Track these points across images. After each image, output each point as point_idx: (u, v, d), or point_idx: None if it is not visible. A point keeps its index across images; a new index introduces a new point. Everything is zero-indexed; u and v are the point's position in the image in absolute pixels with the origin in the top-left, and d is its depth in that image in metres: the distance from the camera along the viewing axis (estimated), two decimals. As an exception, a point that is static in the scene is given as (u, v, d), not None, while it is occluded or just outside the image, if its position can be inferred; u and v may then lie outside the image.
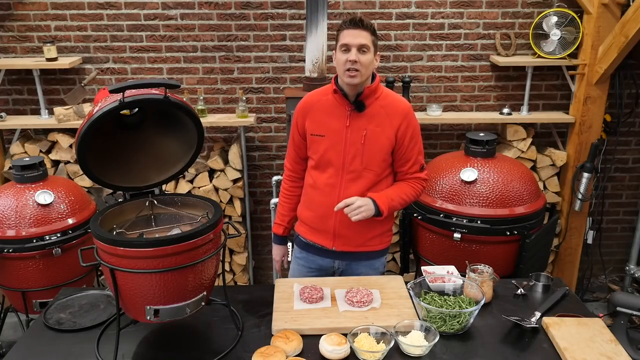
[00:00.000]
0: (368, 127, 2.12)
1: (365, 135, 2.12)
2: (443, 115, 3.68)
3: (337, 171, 2.17)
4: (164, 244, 1.60)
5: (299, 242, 2.41)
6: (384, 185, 2.21)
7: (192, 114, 1.88)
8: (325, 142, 2.16)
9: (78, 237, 2.88)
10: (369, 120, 2.12)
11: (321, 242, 2.30)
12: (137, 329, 1.86)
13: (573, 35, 3.47)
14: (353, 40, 2.01)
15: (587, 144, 3.61)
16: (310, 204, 2.29)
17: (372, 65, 2.08)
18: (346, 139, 2.14)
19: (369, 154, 2.14)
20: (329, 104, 2.17)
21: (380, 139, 2.13)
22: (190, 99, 3.71)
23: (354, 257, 2.29)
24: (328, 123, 2.16)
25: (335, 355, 1.71)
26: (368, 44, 2.02)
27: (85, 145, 1.76)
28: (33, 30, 3.59)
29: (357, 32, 2.01)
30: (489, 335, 1.85)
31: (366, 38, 2.02)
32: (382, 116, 2.13)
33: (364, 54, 2.02)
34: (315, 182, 2.24)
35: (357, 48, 2.01)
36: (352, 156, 2.14)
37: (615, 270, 4.22)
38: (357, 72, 2.03)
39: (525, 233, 2.79)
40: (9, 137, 3.75)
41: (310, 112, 2.20)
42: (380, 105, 2.14)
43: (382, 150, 2.14)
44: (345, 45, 2.03)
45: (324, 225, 2.25)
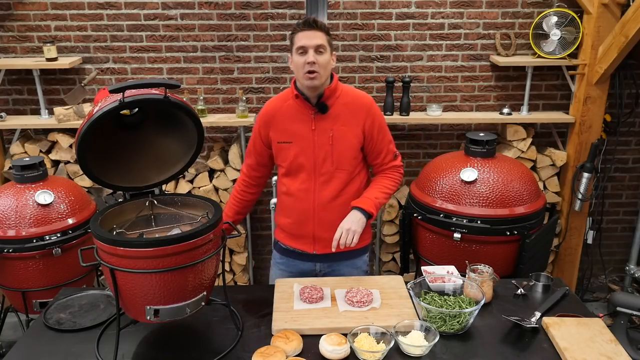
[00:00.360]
0: (334, 128, 2.13)
1: (332, 136, 2.13)
2: (443, 115, 3.68)
3: (309, 175, 2.18)
4: (164, 244, 1.60)
5: (279, 248, 2.41)
6: (357, 183, 2.23)
7: (192, 114, 1.88)
8: (293, 148, 2.16)
9: (78, 237, 2.88)
10: (334, 121, 2.13)
11: (301, 247, 2.30)
12: (137, 329, 1.86)
13: (573, 35, 3.47)
14: (309, 42, 2.01)
15: (587, 144, 3.61)
16: (286, 211, 2.29)
17: (330, 66, 2.08)
18: (314, 143, 2.14)
19: (338, 154, 2.14)
20: (291, 110, 2.16)
21: (347, 138, 2.14)
22: (190, 99, 3.71)
23: (335, 258, 2.28)
24: (293, 129, 2.15)
25: (335, 355, 1.71)
26: (324, 44, 2.02)
27: (85, 145, 1.76)
28: (33, 30, 3.59)
29: (312, 33, 2.01)
30: (489, 335, 1.85)
31: (322, 38, 2.02)
32: (346, 115, 2.13)
33: (321, 55, 2.02)
34: (289, 189, 2.23)
35: (314, 49, 2.01)
36: (322, 159, 2.15)
37: (615, 270, 4.22)
38: (316, 74, 2.03)
39: (525, 233, 2.79)
40: (9, 137, 3.75)
41: (273, 120, 2.18)
42: (342, 103, 2.14)
43: (351, 148, 2.15)
44: (301, 48, 2.02)
45: (302, 230, 2.25)
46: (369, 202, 2.15)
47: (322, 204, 2.19)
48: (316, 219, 2.21)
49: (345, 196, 2.20)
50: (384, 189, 2.22)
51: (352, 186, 2.21)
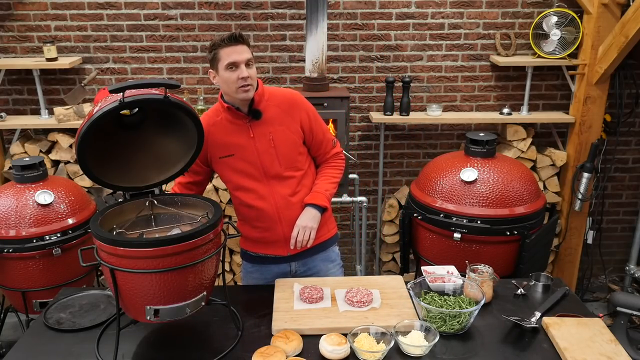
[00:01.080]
0: (272, 130, 2.12)
1: (272, 139, 2.12)
2: (443, 115, 3.68)
3: (261, 182, 2.16)
4: (164, 244, 1.60)
5: (249, 257, 2.37)
6: (310, 177, 2.25)
7: (192, 114, 1.88)
8: (236, 161, 2.15)
9: (78, 237, 2.88)
10: (270, 124, 2.13)
11: (274, 252, 2.28)
12: (137, 329, 1.86)
13: (573, 35, 3.48)
14: (239, 57, 1.99)
15: (587, 144, 3.61)
16: (251, 222, 2.25)
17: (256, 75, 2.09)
18: (256, 149, 2.13)
19: (283, 155, 2.14)
20: (225, 123, 2.14)
21: (288, 136, 2.14)
22: (190, 99, 3.71)
23: (308, 254, 2.29)
24: (232, 141, 2.14)
25: (335, 355, 1.71)
26: (251, 57, 2.02)
27: (85, 145, 1.76)
28: (33, 30, 3.59)
29: (241, 48, 1.99)
30: (489, 335, 1.85)
31: (248, 52, 2.01)
32: (280, 115, 2.14)
33: (251, 68, 2.02)
34: (246, 201, 2.20)
35: (244, 63, 2.00)
36: (269, 163, 2.14)
37: (615, 270, 4.22)
38: (249, 87, 2.03)
39: (525, 233, 2.79)
40: (9, 137, 3.75)
41: (209, 136, 2.13)
42: (273, 105, 2.14)
43: (294, 145, 2.16)
44: (232, 64, 1.99)
45: (273, 236, 2.23)
46: (320, 197, 2.18)
47: (284, 205, 2.18)
48: (283, 220, 2.19)
49: (302, 191, 2.21)
50: (331, 179, 2.25)
51: (305, 181, 2.22)
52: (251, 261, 2.37)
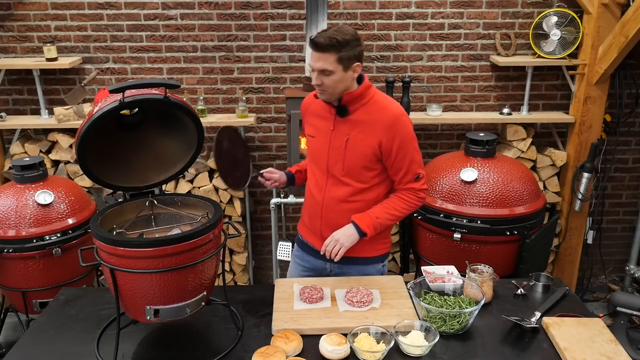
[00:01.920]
0: (351, 133, 2.07)
1: (347, 141, 2.08)
2: (443, 115, 3.68)
3: (323, 173, 2.17)
4: (164, 244, 1.60)
5: (298, 240, 2.42)
6: (373, 194, 2.14)
7: (192, 114, 1.88)
8: (315, 143, 2.19)
9: (78, 237, 2.88)
10: (352, 126, 2.08)
11: (313, 243, 2.28)
12: (137, 329, 1.86)
13: (573, 35, 3.47)
14: (314, 64, 1.96)
15: (587, 144, 3.61)
16: (305, 203, 2.32)
17: (343, 83, 1.98)
18: (330, 143, 2.12)
19: (350, 161, 2.09)
20: (320, 106, 2.16)
21: (361, 147, 2.06)
22: (190, 99, 3.71)
23: (346, 261, 2.19)
24: (318, 125, 2.17)
25: (335, 355, 1.71)
26: (329, 67, 1.92)
27: (85, 145, 1.76)
28: (33, 30, 3.59)
29: (317, 56, 1.94)
30: (489, 335, 1.85)
31: (327, 61, 1.92)
32: (366, 123, 2.05)
33: (327, 76, 1.95)
34: (309, 181, 2.27)
35: (317, 71, 1.96)
36: (334, 160, 2.12)
37: (615, 270, 4.22)
38: (323, 91, 2.01)
39: (525, 233, 2.79)
40: (9, 137, 3.75)
41: (306, 112, 2.24)
42: (366, 111, 2.06)
43: (363, 157, 2.07)
44: (310, 66, 1.99)
45: (314, 225, 2.25)
46: (367, 221, 2.08)
47: (331, 204, 2.16)
48: (324, 217, 2.19)
49: (357, 203, 2.13)
50: (391, 210, 2.11)
51: (364, 195, 2.14)
52: (299, 245, 2.41)
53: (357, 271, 2.26)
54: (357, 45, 1.97)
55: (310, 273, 2.35)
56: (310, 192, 2.24)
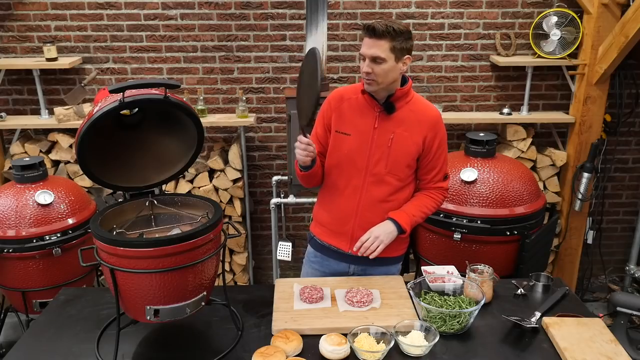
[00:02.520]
0: (396, 131, 2.06)
1: (392, 139, 2.06)
2: (443, 115, 3.64)
3: (360, 173, 2.11)
4: (164, 244, 1.60)
5: (315, 244, 2.34)
6: (406, 192, 2.16)
7: (192, 114, 1.88)
8: (350, 142, 2.10)
9: (78, 237, 2.88)
10: (397, 124, 2.07)
11: (338, 245, 2.23)
12: (137, 329, 1.86)
13: (573, 35, 3.47)
14: (367, 51, 1.94)
15: (587, 144, 3.61)
16: (329, 205, 2.22)
17: (393, 73, 1.97)
18: (372, 141, 2.08)
19: (394, 158, 2.08)
20: (358, 103, 2.11)
21: (407, 144, 2.07)
22: (190, 99, 3.71)
23: (369, 262, 2.19)
24: (356, 122, 2.10)
25: (335, 355, 1.71)
26: (382, 55, 1.91)
27: (85, 145, 1.76)
28: (33, 30, 3.59)
29: (372, 42, 1.92)
30: (489, 335, 1.85)
31: (381, 48, 1.91)
32: (411, 121, 2.07)
33: (378, 65, 1.93)
34: (335, 182, 2.17)
35: (370, 59, 1.94)
36: (376, 159, 2.09)
37: (615, 270, 4.22)
38: (373, 81, 1.98)
39: (525, 233, 2.79)
40: (9, 137, 3.75)
41: (340, 106, 2.13)
42: (410, 109, 2.08)
43: (408, 155, 2.08)
44: (362, 54, 1.97)
45: (342, 227, 2.19)
46: (406, 218, 2.09)
47: (368, 204, 2.13)
48: (358, 218, 2.15)
49: (392, 203, 2.13)
50: (424, 209, 2.14)
51: (400, 194, 2.14)
52: (316, 249, 2.33)
53: (381, 272, 2.25)
54: (410, 39, 1.98)
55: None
56: (340, 195, 2.16)
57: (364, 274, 2.25)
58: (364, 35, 1.95)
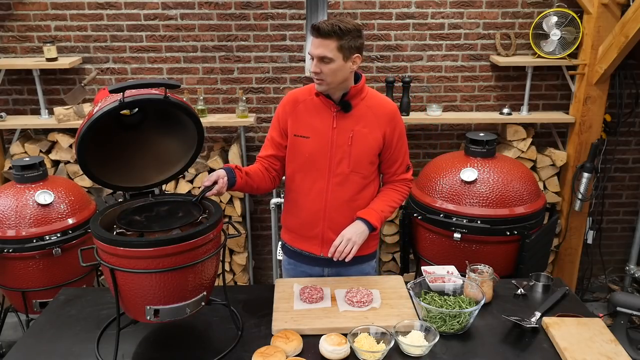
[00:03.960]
0: (355, 129, 2.06)
1: (352, 137, 2.06)
2: (443, 115, 3.68)
3: (323, 174, 2.10)
4: (164, 244, 1.60)
5: (287, 251, 2.34)
6: (371, 189, 2.16)
7: (192, 114, 1.88)
8: (309, 144, 2.09)
9: (78, 237, 2.88)
10: (355, 121, 2.06)
11: (309, 250, 2.23)
12: (137, 329, 1.86)
13: (573, 35, 3.47)
14: (314, 51, 1.93)
15: (587, 144, 3.61)
16: (296, 210, 2.21)
17: (342, 72, 1.96)
18: (332, 141, 2.07)
19: (356, 156, 2.07)
20: (314, 104, 2.09)
21: (367, 140, 2.07)
22: (190, 99, 3.71)
23: (343, 263, 2.17)
24: (313, 124, 2.08)
25: (335, 355, 1.71)
26: (329, 55, 1.90)
27: (85, 145, 1.76)
28: (33, 30, 3.59)
29: (318, 42, 1.91)
30: (489, 335, 1.85)
31: (327, 47, 1.90)
32: (369, 117, 2.07)
33: (326, 64, 1.92)
34: (300, 187, 2.15)
35: (317, 59, 1.93)
36: (338, 159, 2.08)
37: (615, 270, 4.22)
38: (321, 81, 1.97)
39: (525, 233, 2.79)
40: (9, 137, 3.75)
41: (294, 110, 2.11)
42: (366, 105, 2.07)
43: (369, 152, 2.08)
44: (310, 54, 1.96)
45: (311, 231, 2.18)
46: (375, 215, 2.09)
47: (335, 205, 2.12)
48: (327, 220, 2.14)
49: (359, 201, 2.13)
50: (391, 203, 2.16)
51: (366, 192, 2.14)
52: (289, 256, 2.33)
53: (355, 271, 2.25)
54: (359, 37, 1.97)
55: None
56: (305, 198, 2.15)
57: (338, 275, 2.25)
58: (312, 35, 1.95)
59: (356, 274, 2.25)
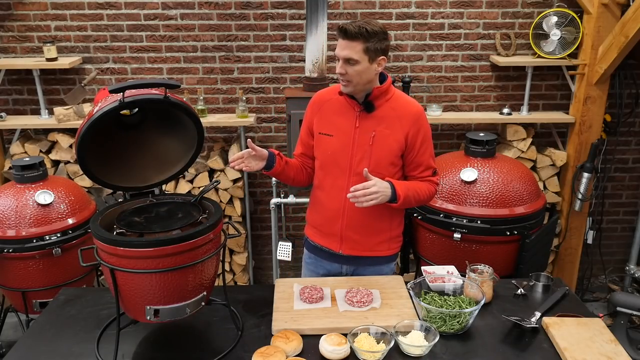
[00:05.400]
0: (377, 129, 2.07)
1: (373, 137, 2.07)
2: (443, 115, 3.68)
3: (344, 173, 2.12)
4: (164, 244, 1.60)
5: (308, 246, 2.36)
6: None
7: (192, 114, 1.88)
8: (333, 142, 2.12)
9: (78, 237, 2.88)
10: (378, 122, 2.07)
11: (328, 246, 2.24)
12: (137, 329, 1.86)
13: (573, 35, 3.48)
14: (340, 52, 1.96)
15: (587, 144, 3.61)
16: (317, 206, 2.25)
17: (367, 74, 1.98)
18: (354, 140, 2.09)
19: (376, 157, 2.08)
20: (339, 104, 2.13)
21: (388, 142, 2.07)
22: (190, 99, 3.71)
23: (361, 262, 2.23)
24: (337, 122, 2.12)
25: (335, 355, 1.71)
26: (355, 57, 1.93)
27: (85, 145, 1.76)
28: (33, 30, 3.59)
29: (345, 44, 1.94)
30: (489, 335, 1.85)
31: (353, 49, 1.92)
32: (392, 118, 2.07)
33: (352, 66, 1.95)
34: (322, 183, 2.19)
35: (343, 60, 1.96)
36: (359, 158, 2.09)
37: (615, 270, 4.22)
38: (347, 82, 2.00)
39: (525, 233, 2.79)
40: (9, 137, 3.75)
41: (320, 109, 2.16)
42: (390, 107, 2.08)
43: (390, 153, 2.08)
44: (335, 56, 2.00)
45: (331, 228, 2.20)
46: (402, 188, 2.02)
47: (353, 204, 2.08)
48: (345, 218, 2.15)
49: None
50: (418, 190, 2.09)
51: None
52: (310, 250, 2.36)
53: (373, 271, 2.25)
54: (385, 39, 1.98)
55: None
56: (327, 195, 2.18)
57: (356, 274, 2.26)
58: (338, 37, 1.97)
59: (374, 274, 2.24)
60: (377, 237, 2.20)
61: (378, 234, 2.20)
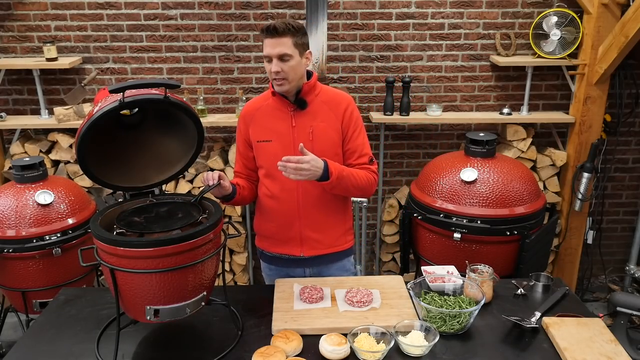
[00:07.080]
0: (313, 124, 2.11)
1: (312, 132, 2.10)
2: (443, 115, 3.68)
3: None
4: (164, 244, 1.60)
5: (265, 257, 2.37)
6: None
7: (192, 114, 1.88)
8: (273, 147, 2.13)
9: (78, 237, 2.88)
10: (313, 117, 2.11)
11: (288, 252, 2.24)
12: (137, 329, 1.86)
13: (573, 35, 3.48)
14: (272, 51, 1.98)
15: (587, 144, 3.61)
16: (269, 215, 2.22)
17: (300, 68, 2.03)
18: (294, 139, 2.11)
19: (319, 150, 2.07)
20: (271, 108, 2.14)
21: (328, 133, 2.11)
22: (190, 99, 3.71)
23: (323, 260, 2.25)
24: (273, 127, 2.13)
25: (335, 355, 1.71)
26: (288, 52, 1.97)
27: (85, 145, 1.76)
28: (33, 30, 3.59)
29: (275, 41, 1.97)
30: (489, 335, 1.86)
31: (285, 45, 1.96)
32: (325, 111, 2.12)
33: (286, 62, 1.98)
34: (271, 190, 2.18)
35: (277, 58, 1.98)
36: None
37: (615, 270, 4.22)
38: (283, 80, 2.01)
39: (525, 233, 2.79)
40: (9, 137, 3.75)
41: (253, 119, 2.16)
42: (321, 100, 2.13)
43: (333, 144, 2.12)
44: (267, 56, 2.00)
45: (288, 233, 2.20)
46: (337, 168, 2.02)
47: (308, 202, 2.15)
48: (302, 218, 2.17)
49: (330, 195, 2.15)
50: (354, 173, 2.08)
51: None
52: (268, 262, 2.36)
53: (336, 268, 2.29)
54: (305, 35, 2.07)
55: None
56: (278, 202, 2.17)
57: (320, 274, 2.28)
58: (265, 37, 1.99)
59: (337, 271, 2.29)
60: (334, 232, 2.23)
61: (334, 227, 2.23)
